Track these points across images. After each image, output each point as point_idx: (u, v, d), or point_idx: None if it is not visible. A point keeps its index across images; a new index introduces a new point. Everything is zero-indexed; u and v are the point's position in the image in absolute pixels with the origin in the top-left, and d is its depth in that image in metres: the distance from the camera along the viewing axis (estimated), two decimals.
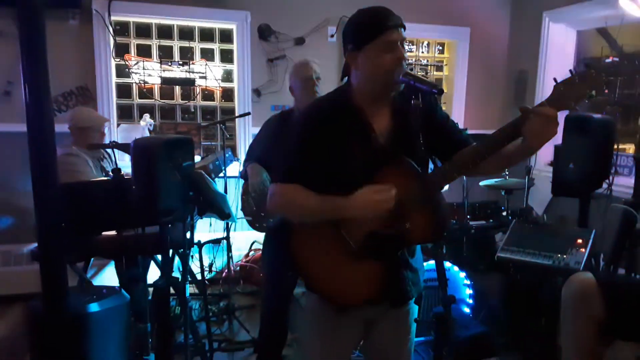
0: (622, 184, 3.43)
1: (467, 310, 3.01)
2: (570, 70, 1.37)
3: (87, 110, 3.28)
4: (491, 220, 3.56)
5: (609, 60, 3.93)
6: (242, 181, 2.80)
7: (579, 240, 2.77)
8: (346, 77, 1.61)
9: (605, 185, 3.15)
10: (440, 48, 4.92)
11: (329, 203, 1.48)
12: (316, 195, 1.50)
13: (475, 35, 4.72)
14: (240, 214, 2.86)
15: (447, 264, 3.03)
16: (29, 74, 1.77)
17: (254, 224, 2.74)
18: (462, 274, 3.04)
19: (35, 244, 2.64)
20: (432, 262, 2.82)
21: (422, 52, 4.88)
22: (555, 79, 1.39)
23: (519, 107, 1.41)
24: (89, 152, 3.05)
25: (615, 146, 3.24)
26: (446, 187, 2.06)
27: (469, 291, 3.02)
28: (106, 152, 3.26)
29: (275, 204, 1.58)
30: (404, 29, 1.49)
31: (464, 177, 3.28)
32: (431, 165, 1.62)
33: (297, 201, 1.53)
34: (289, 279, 2.57)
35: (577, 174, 3.00)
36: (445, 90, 4.91)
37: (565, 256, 2.70)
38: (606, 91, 3.85)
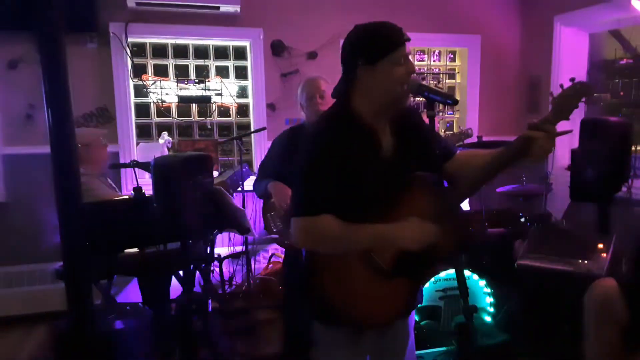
0: None
1: (488, 318, 2.98)
2: (561, 85, 1.44)
3: (81, 129, 3.34)
4: (510, 227, 3.54)
5: (623, 62, 3.90)
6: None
7: (600, 245, 2.75)
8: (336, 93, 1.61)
9: (624, 189, 3.12)
10: (452, 56, 4.93)
11: (373, 234, 1.46)
12: (352, 225, 1.46)
13: (487, 43, 4.72)
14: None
15: (467, 273, 3.02)
16: (51, 98, 1.81)
17: (282, 241, 2.70)
18: (482, 282, 3.02)
19: (59, 263, 2.71)
20: (452, 272, 2.82)
21: (434, 61, 4.89)
22: (551, 93, 1.45)
23: (528, 123, 1.43)
24: (93, 172, 3.08)
25: (633, 148, 3.21)
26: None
27: (489, 299, 3.00)
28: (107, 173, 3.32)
29: (306, 240, 1.50)
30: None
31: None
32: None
33: (333, 234, 1.47)
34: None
35: (595, 178, 2.98)
36: (458, 99, 4.91)
37: (586, 262, 2.68)
38: (622, 93, 3.82)
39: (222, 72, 4.35)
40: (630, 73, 3.85)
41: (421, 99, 1.52)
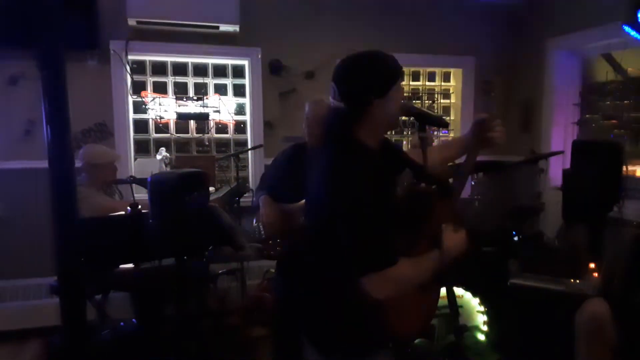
0: (634, 207, 3.41)
1: (481, 337, 2.99)
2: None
3: (98, 147, 3.36)
4: (503, 246, 3.56)
5: (614, 84, 3.97)
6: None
7: (592, 265, 2.77)
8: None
9: (616, 209, 3.15)
10: (447, 76, 5.01)
11: (435, 261, 1.50)
12: (417, 261, 1.49)
13: (480, 64, 4.80)
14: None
15: (461, 291, 3.03)
16: (50, 115, 1.83)
17: (262, 251, 2.74)
18: (476, 301, 3.04)
19: (54, 278, 2.72)
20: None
21: (429, 82, 4.97)
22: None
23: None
24: (101, 188, 3.12)
25: (625, 169, 3.25)
26: None
27: (482, 318, 3.01)
28: (117, 187, 3.35)
29: (393, 290, 1.45)
30: None
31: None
32: None
33: (413, 278, 1.49)
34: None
35: (587, 199, 3.02)
36: (453, 118, 4.98)
37: (578, 281, 2.70)
38: (614, 121, 3.89)
39: (221, 90, 4.41)
40: (621, 95, 3.91)
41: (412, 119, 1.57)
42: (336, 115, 1.52)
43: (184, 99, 4.25)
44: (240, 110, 4.47)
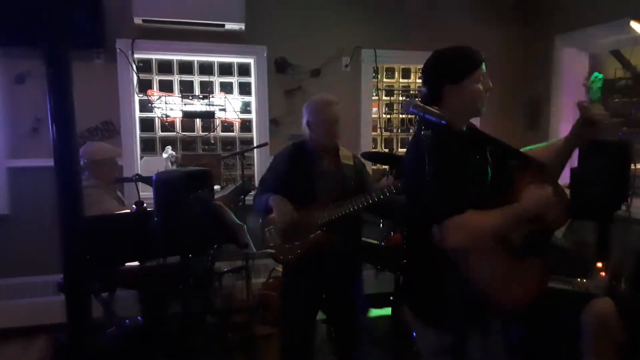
0: None
1: None
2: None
3: (97, 144, 3.38)
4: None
5: (623, 81, 3.93)
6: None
7: (599, 264, 2.75)
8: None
9: (624, 208, 3.12)
10: None
11: (512, 213, 1.58)
12: (494, 212, 1.58)
13: (487, 60, 4.76)
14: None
15: None
16: (56, 113, 1.84)
17: (278, 257, 2.64)
18: None
19: (61, 276, 2.73)
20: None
21: None
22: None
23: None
24: (105, 185, 3.14)
25: (633, 167, 3.22)
26: None
27: None
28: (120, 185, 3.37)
29: (460, 239, 1.55)
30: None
31: None
32: None
33: (483, 226, 1.57)
34: (309, 312, 2.62)
35: (595, 197, 2.99)
36: None
37: (585, 280, 2.68)
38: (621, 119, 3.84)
39: (226, 88, 4.42)
40: (630, 92, 3.87)
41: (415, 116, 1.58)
42: (421, 97, 1.75)
43: (190, 98, 4.27)
44: (246, 108, 4.47)
